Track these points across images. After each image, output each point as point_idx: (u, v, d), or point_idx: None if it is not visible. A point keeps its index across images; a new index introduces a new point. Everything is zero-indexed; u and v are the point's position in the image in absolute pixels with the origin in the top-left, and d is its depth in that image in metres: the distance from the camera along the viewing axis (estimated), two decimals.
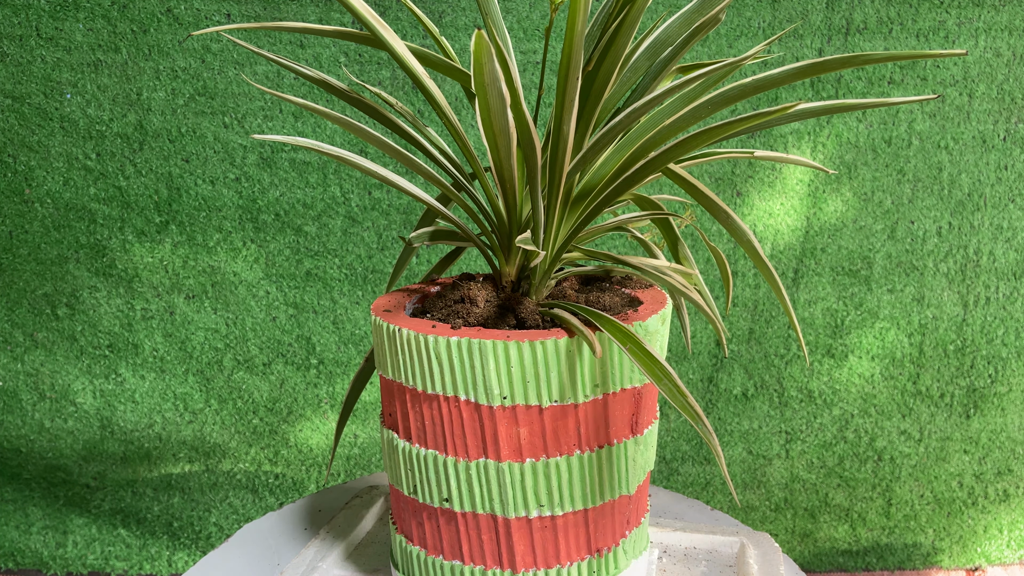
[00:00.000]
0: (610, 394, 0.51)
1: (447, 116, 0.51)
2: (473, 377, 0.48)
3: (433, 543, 0.54)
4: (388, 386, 0.53)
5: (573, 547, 0.53)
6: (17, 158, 1.09)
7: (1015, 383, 1.26)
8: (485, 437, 0.49)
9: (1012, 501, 1.32)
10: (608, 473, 0.53)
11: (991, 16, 1.11)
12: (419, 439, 0.51)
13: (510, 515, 0.50)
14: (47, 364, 1.17)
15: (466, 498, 0.51)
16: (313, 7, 1.05)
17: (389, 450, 0.54)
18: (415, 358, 0.49)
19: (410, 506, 0.54)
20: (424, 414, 0.50)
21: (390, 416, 0.55)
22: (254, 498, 1.25)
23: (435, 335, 0.48)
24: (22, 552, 1.26)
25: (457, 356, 0.47)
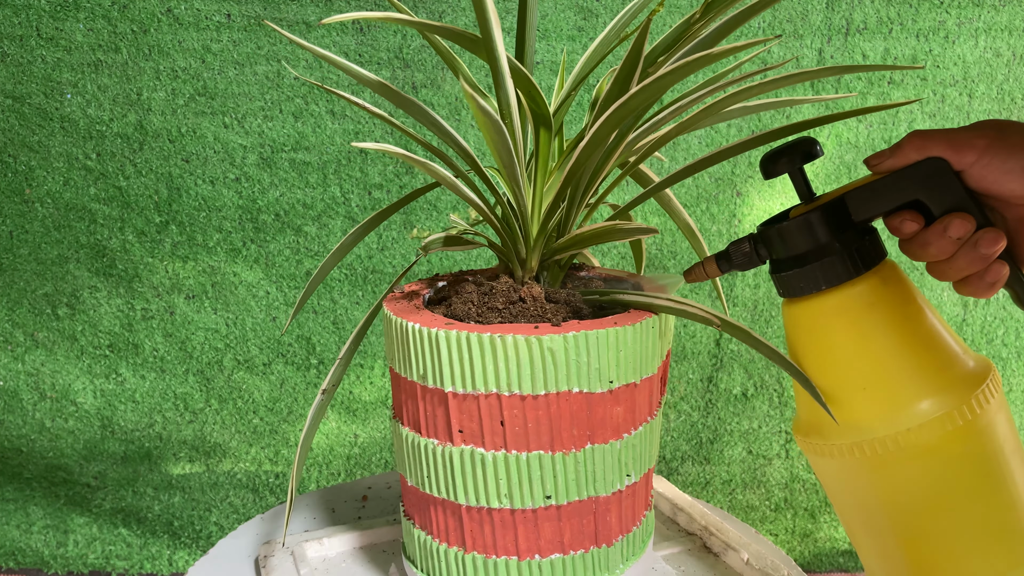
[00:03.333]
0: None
1: (472, 159, 0.53)
2: (588, 366, 0.49)
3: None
4: (456, 398, 0.51)
5: None
6: (17, 158, 1.09)
7: (1015, 383, 1.26)
8: (592, 422, 0.51)
9: None
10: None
11: (991, 16, 1.11)
12: (519, 442, 0.51)
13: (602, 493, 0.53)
14: (48, 364, 1.18)
15: (565, 491, 0.52)
16: (313, 7, 1.05)
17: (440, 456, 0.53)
18: (517, 361, 0.48)
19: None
20: (524, 414, 0.50)
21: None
22: (254, 498, 1.25)
23: (550, 335, 0.48)
24: (23, 551, 1.26)
25: (573, 349, 0.48)
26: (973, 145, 0.44)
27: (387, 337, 0.54)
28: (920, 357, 0.45)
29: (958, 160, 0.45)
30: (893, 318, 0.46)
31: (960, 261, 0.45)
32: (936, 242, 0.45)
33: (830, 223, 0.46)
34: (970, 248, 0.45)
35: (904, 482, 0.45)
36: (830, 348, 0.47)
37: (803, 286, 0.47)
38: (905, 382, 0.45)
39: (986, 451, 0.45)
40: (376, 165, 1.11)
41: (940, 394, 0.44)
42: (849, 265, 0.46)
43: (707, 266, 0.51)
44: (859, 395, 0.45)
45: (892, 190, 0.46)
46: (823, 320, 0.47)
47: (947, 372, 0.45)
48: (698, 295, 1.19)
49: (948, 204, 0.45)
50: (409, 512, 0.58)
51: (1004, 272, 0.45)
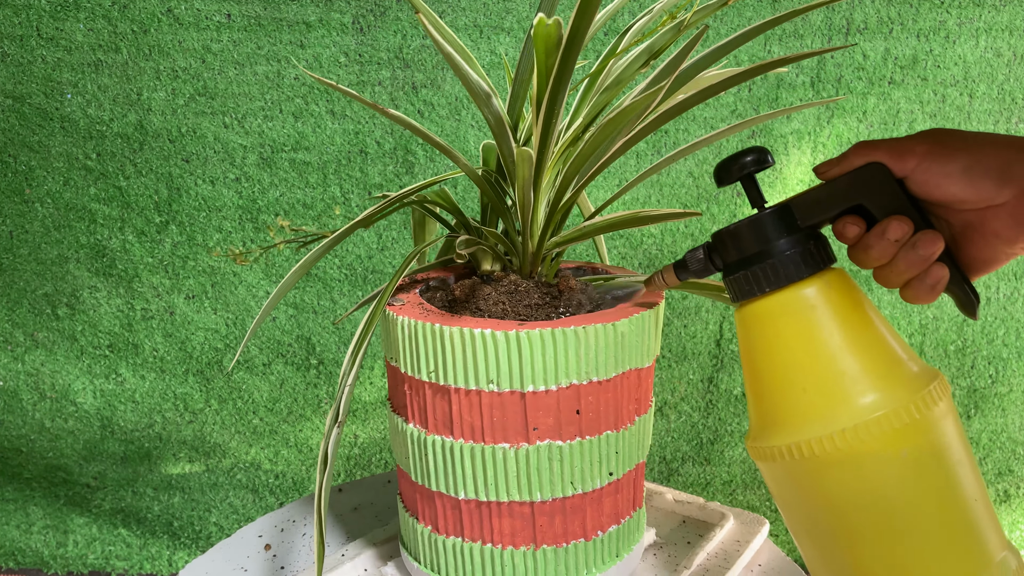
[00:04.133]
0: None
1: None
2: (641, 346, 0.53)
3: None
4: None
5: None
6: (17, 158, 1.09)
7: (1015, 383, 1.26)
8: (641, 393, 0.55)
9: (1013, 501, 1.32)
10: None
11: (991, 16, 1.11)
12: (595, 426, 0.53)
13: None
14: (47, 364, 1.18)
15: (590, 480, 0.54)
16: (313, 7, 1.05)
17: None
18: (595, 348, 0.51)
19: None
20: (598, 399, 0.52)
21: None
22: (254, 498, 1.25)
23: (613, 321, 0.51)
24: (23, 551, 1.26)
25: (637, 332, 0.53)
26: (913, 151, 0.45)
27: (399, 339, 0.53)
28: (860, 360, 0.46)
29: (900, 166, 0.46)
30: (835, 321, 0.46)
31: (900, 264, 0.46)
32: (876, 245, 0.46)
33: (776, 226, 0.48)
34: (909, 250, 0.46)
35: (841, 485, 0.45)
36: (774, 349, 0.48)
37: (749, 288, 0.48)
38: (844, 383, 0.46)
39: (926, 457, 0.45)
40: (376, 165, 1.11)
41: (881, 394, 0.45)
42: (792, 267, 0.47)
43: (666, 275, 0.52)
44: (800, 396, 0.46)
45: (835, 195, 0.48)
46: (767, 322, 0.48)
47: (890, 374, 0.46)
48: None
49: (888, 208, 0.47)
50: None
51: (944, 275, 0.46)
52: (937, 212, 0.47)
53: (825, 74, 1.12)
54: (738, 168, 0.48)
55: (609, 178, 1.13)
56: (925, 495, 0.45)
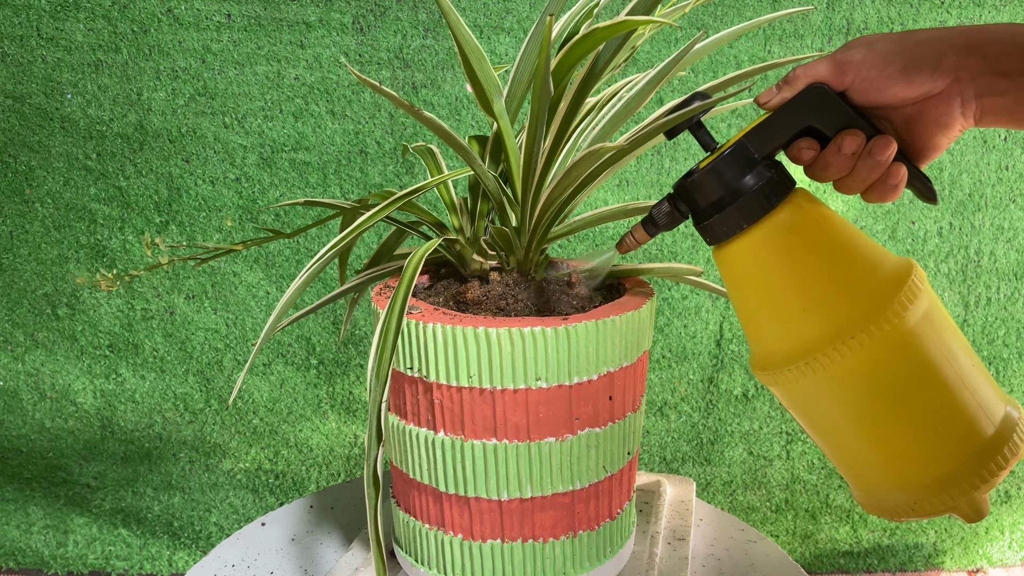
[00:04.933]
0: None
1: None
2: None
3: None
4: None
5: None
6: (17, 158, 1.09)
7: (1016, 384, 1.26)
8: (643, 373, 0.56)
9: (1013, 502, 1.32)
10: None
11: (992, 16, 1.11)
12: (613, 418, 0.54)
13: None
14: (47, 364, 1.18)
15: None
16: (313, 7, 1.05)
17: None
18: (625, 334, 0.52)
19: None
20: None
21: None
22: (254, 498, 1.25)
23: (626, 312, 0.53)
24: (23, 551, 1.26)
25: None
26: (850, 62, 0.48)
27: (431, 348, 0.52)
28: (847, 269, 0.48)
29: (839, 80, 0.48)
30: (813, 239, 0.49)
31: (860, 172, 0.49)
32: (834, 160, 0.48)
33: (736, 166, 0.49)
34: (866, 159, 0.48)
35: (857, 388, 0.47)
36: (765, 281, 0.49)
37: (726, 230, 0.49)
38: (837, 296, 0.48)
39: (923, 343, 0.47)
40: (376, 165, 1.11)
41: (871, 299, 0.47)
42: (763, 200, 0.48)
43: (636, 233, 0.54)
44: (801, 317, 0.48)
45: (784, 123, 0.49)
46: (751, 257, 0.49)
47: (872, 278, 0.48)
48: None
49: (837, 124, 0.49)
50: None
51: (903, 173, 0.49)
52: (878, 114, 0.50)
53: None
54: (683, 117, 0.50)
55: (610, 178, 1.13)
56: (929, 376, 0.47)
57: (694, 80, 1.10)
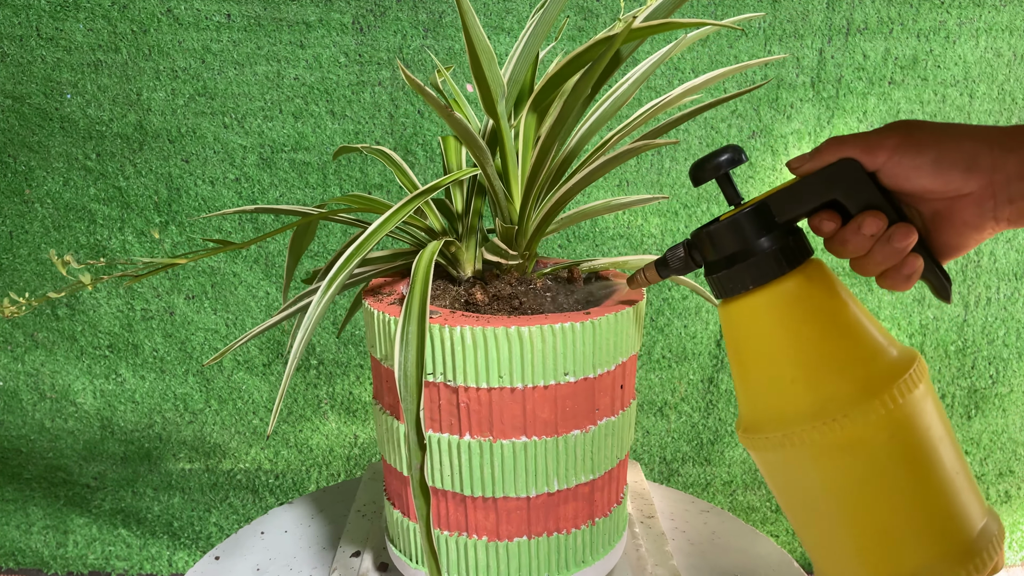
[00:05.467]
0: None
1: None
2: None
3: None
4: None
5: None
6: (17, 158, 1.09)
7: (1016, 384, 1.26)
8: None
9: (1014, 502, 1.32)
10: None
11: (992, 16, 1.11)
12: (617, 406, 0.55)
13: None
14: (47, 364, 1.18)
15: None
16: (313, 7, 1.05)
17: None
18: None
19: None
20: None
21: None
22: (254, 498, 1.25)
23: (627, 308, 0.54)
24: (23, 552, 1.26)
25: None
26: (883, 145, 0.47)
27: (459, 352, 0.52)
28: (845, 348, 0.47)
29: (871, 160, 0.47)
30: (817, 313, 0.48)
31: (876, 256, 0.48)
32: (852, 239, 0.48)
33: (755, 225, 0.49)
34: (884, 243, 0.47)
35: (833, 469, 0.47)
36: (761, 344, 0.49)
37: (733, 286, 0.49)
38: (832, 372, 0.47)
39: (911, 437, 0.47)
40: (376, 165, 1.11)
41: (864, 383, 0.46)
42: (774, 264, 0.48)
43: (647, 272, 0.54)
44: (789, 388, 0.48)
45: (810, 191, 0.49)
46: (753, 318, 0.49)
47: (874, 361, 0.47)
48: None
49: (862, 202, 0.48)
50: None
51: (919, 265, 0.48)
52: (908, 201, 0.49)
53: (825, 74, 1.12)
54: (713, 168, 0.49)
55: (610, 178, 1.13)
56: (912, 472, 0.47)
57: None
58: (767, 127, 1.13)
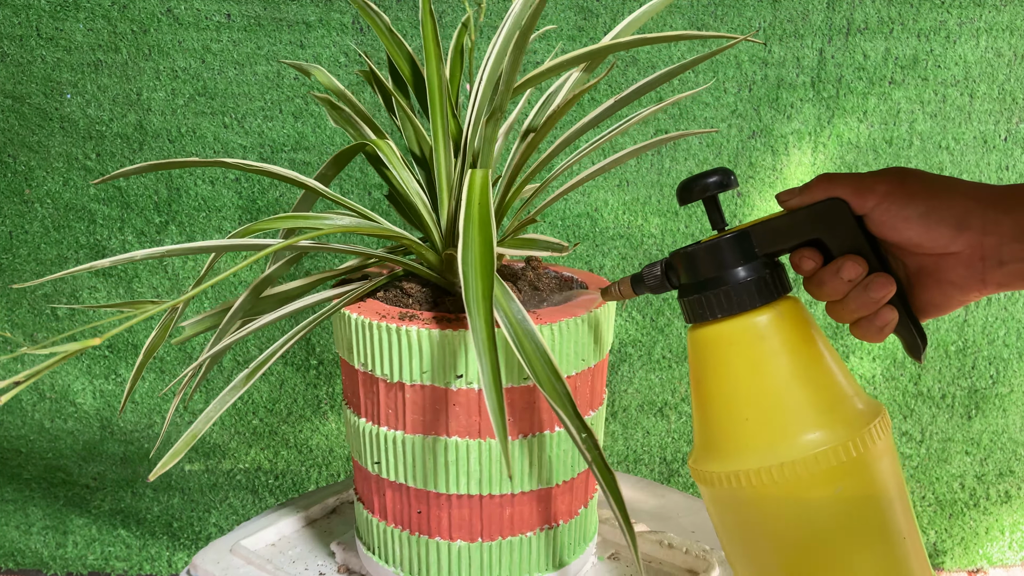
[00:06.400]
0: None
1: None
2: None
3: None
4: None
5: None
6: (17, 158, 1.09)
7: (1016, 384, 1.26)
8: None
9: (1014, 502, 1.31)
10: None
11: (992, 16, 1.11)
12: None
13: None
14: None
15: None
16: (313, 7, 1.05)
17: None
18: None
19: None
20: None
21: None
22: (254, 498, 1.25)
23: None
24: (22, 552, 1.26)
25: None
26: (874, 190, 0.45)
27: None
28: (805, 394, 0.46)
29: (860, 204, 0.46)
30: (783, 353, 0.46)
31: (852, 303, 0.46)
32: (830, 282, 0.46)
33: (734, 253, 0.47)
34: (861, 291, 0.46)
35: (775, 515, 0.46)
36: (721, 375, 0.47)
37: (702, 312, 0.48)
38: (787, 416, 0.45)
39: (860, 494, 0.45)
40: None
41: (821, 431, 0.45)
42: (745, 296, 0.47)
43: (622, 286, 0.53)
44: (742, 426, 0.46)
45: (794, 227, 0.48)
46: (717, 347, 0.48)
47: (832, 411, 0.45)
48: None
49: (845, 246, 0.47)
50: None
51: (892, 318, 0.46)
52: (894, 252, 0.47)
53: (826, 74, 1.12)
54: (700, 189, 0.49)
55: (610, 178, 1.13)
56: (857, 531, 0.45)
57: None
58: (767, 127, 1.13)
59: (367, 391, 0.55)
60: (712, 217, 0.50)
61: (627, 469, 1.26)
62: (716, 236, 0.48)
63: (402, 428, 0.54)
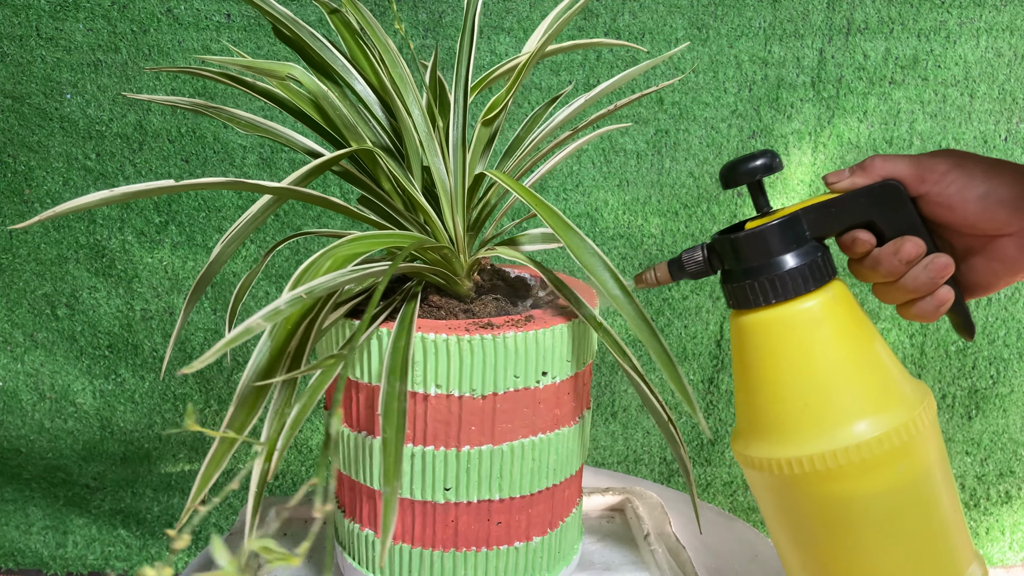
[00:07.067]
0: None
1: None
2: None
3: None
4: None
5: None
6: (17, 158, 1.09)
7: (1016, 384, 1.26)
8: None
9: (1014, 503, 1.31)
10: None
11: (992, 16, 1.11)
12: None
13: None
14: (47, 364, 1.17)
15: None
16: (313, 7, 1.05)
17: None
18: None
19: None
20: None
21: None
22: None
23: None
24: (22, 552, 1.26)
25: None
26: (934, 169, 0.45)
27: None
28: (861, 378, 0.46)
29: (917, 185, 0.46)
30: (838, 336, 0.46)
31: (908, 284, 0.46)
32: (887, 262, 0.46)
33: (785, 238, 0.47)
34: (919, 271, 0.46)
35: (835, 498, 0.46)
36: (775, 362, 0.47)
37: (752, 298, 0.47)
38: (846, 400, 0.45)
39: (918, 472, 0.46)
40: None
41: (878, 415, 0.45)
42: (800, 281, 0.46)
43: (658, 271, 0.51)
44: (802, 411, 0.46)
45: (848, 209, 0.47)
46: (770, 333, 0.47)
47: (888, 392, 0.46)
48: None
49: (901, 227, 0.47)
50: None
51: (950, 297, 0.46)
52: (942, 233, 0.47)
53: (826, 74, 1.12)
54: (746, 173, 0.48)
55: (610, 177, 1.13)
56: (915, 507, 0.46)
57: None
58: (767, 127, 1.13)
59: (443, 415, 0.50)
60: (757, 201, 0.49)
61: (627, 469, 1.26)
62: (764, 220, 0.48)
63: (488, 442, 0.51)
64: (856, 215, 0.47)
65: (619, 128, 0.58)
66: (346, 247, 0.47)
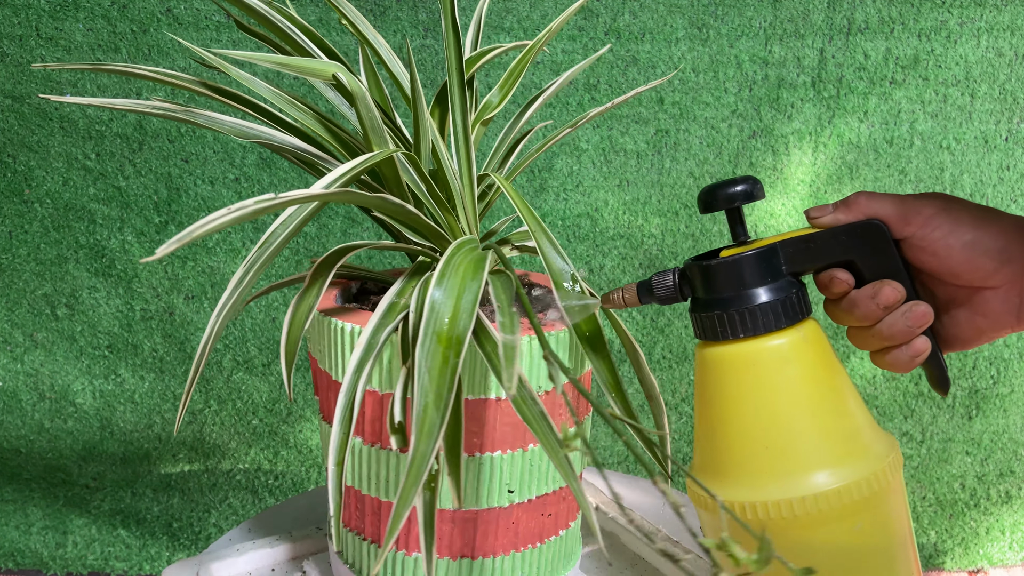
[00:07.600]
0: None
1: None
2: None
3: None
4: None
5: None
6: (17, 158, 1.09)
7: (1017, 384, 1.26)
8: None
9: (1014, 503, 1.31)
10: None
11: (993, 16, 1.11)
12: None
13: None
14: (47, 364, 1.17)
15: None
16: (313, 7, 1.05)
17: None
18: None
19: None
20: None
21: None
22: (254, 499, 1.25)
23: None
24: (22, 552, 1.26)
25: None
26: (920, 212, 0.43)
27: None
28: (826, 424, 0.44)
29: (901, 226, 0.44)
30: (806, 379, 0.44)
31: (883, 330, 0.44)
32: (863, 306, 0.44)
33: (759, 270, 0.45)
34: (897, 318, 0.44)
35: (787, 547, 0.43)
36: (739, 399, 0.45)
37: (720, 330, 0.45)
38: (807, 448, 0.43)
39: (874, 532, 0.44)
40: None
41: (839, 466, 0.43)
42: (771, 316, 0.44)
43: (626, 293, 0.49)
44: (760, 453, 0.44)
45: (827, 246, 0.45)
46: (736, 369, 0.45)
47: (855, 442, 0.44)
48: None
49: (881, 270, 0.44)
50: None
51: (926, 348, 0.44)
52: (925, 281, 0.45)
53: (826, 74, 1.12)
54: (725, 198, 0.46)
55: (610, 177, 1.13)
56: (868, 565, 0.44)
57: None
58: (767, 127, 1.13)
59: (509, 419, 0.49)
60: (734, 229, 0.47)
61: (627, 469, 1.26)
62: (740, 249, 0.46)
63: (520, 446, 0.49)
64: (835, 253, 0.45)
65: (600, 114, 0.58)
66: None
